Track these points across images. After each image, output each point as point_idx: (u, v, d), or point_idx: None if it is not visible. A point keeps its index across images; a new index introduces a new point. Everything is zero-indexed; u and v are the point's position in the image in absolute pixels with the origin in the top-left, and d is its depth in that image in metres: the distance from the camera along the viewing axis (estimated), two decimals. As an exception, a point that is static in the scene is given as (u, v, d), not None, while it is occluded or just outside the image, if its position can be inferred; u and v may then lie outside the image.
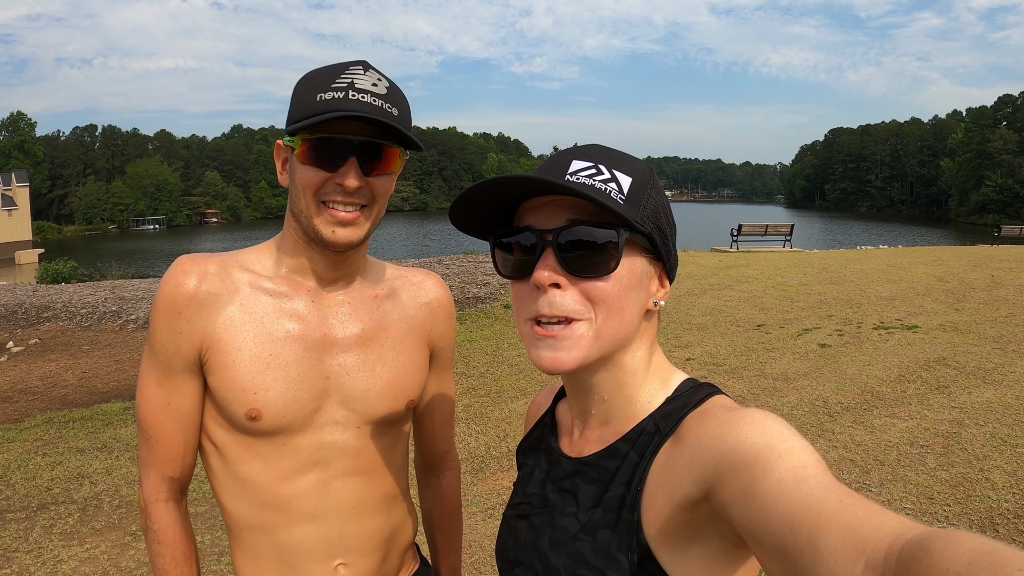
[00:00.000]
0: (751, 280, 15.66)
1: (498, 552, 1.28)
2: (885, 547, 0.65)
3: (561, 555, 1.08)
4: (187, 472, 1.59)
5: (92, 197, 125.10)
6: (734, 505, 0.84)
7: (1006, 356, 8.68)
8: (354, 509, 1.58)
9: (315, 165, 1.40)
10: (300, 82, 1.44)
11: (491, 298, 12.84)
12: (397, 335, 1.63)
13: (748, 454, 0.86)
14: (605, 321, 1.03)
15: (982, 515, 4.75)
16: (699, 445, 0.94)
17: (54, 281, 20.74)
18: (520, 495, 1.27)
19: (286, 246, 1.56)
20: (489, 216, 1.11)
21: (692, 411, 1.03)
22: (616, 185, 1.03)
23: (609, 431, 1.12)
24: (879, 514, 0.71)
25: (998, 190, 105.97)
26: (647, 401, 1.10)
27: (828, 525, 0.72)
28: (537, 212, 1.05)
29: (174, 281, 1.47)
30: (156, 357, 1.50)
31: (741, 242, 29.53)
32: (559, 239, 1.01)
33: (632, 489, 1.03)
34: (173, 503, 1.58)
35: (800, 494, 0.78)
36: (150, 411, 1.52)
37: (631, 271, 1.04)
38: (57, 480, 5.92)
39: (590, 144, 1.11)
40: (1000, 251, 21.75)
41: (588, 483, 1.11)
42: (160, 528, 1.55)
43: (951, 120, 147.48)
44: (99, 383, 8.88)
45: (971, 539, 0.58)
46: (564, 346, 1.02)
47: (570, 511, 1.12)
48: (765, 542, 0.79)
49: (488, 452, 6.31)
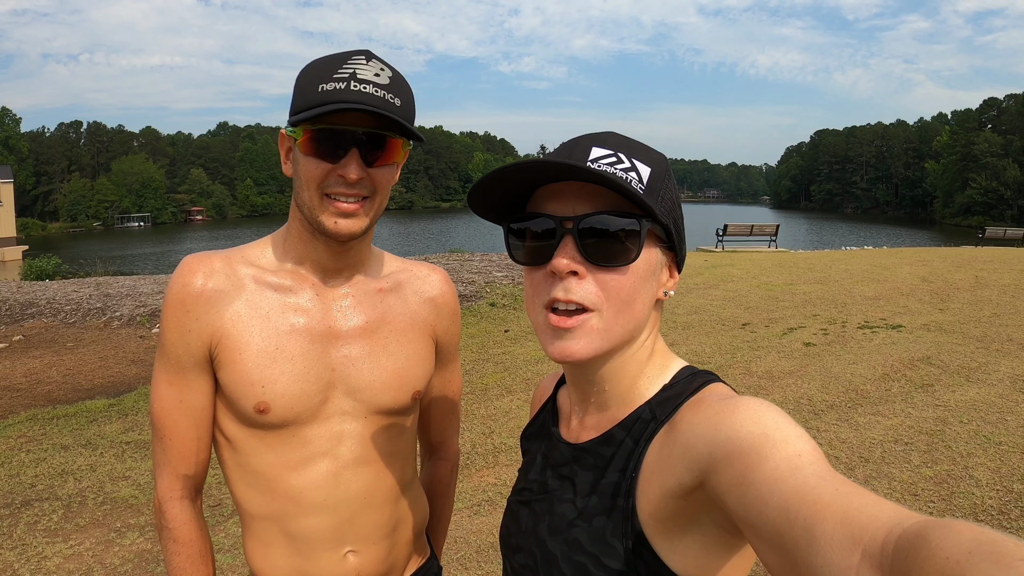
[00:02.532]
0: (736, 279, 15.72)
1: (501, 538, 1.29)
2: (882, 536, 0.65)
3: (558, 541, 1.09)
4: (201, 470, 1.59)
5: (77, 194, 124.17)
6: (729, 493, 0.84)
7: (990, 355, 8.74)
8: (364, 498, 1.60)
9: (317, 156, 1.41)
10: (303, 72, 1.45)
11: (477, 296, 12.82)
12: (401, 328, 1.64)
13: (744, 442, 0.85)
14: (617, 315, 1.02)
15: (966, 511, 4.78)
16: (694, 433, 0.94)
17: (38, 278, 20.57)
18: (523, 481, 1.29)
19: (291, 236, 1.56)
20: (505, 202, 1.10)
21: (688, 399, 1.03)
22: (636, 175, 1.03)
23: (606, 417, 1.13)
24: (876, 503, 0.71)
25: (983, 192, 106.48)
26: (645, 388, 1.10)
27: (825, 514, 0.71)
28: (555, 198, 1.04)
29: (181, 281, 1.49)
30: (167, 356, 1.51)
31: (727, 242, 29.66)
32: (580, 227, 1.00)
33: (627, 476, 1.03)
34: (188, 501, 1.58)
35: (796, 482, 0.77)
36: (163, 409, 1.53)
37: (647, 262, 1.04)
38: (41, 477, 5.88)
39: (606, 131, 1.09)
40: (984, 252, 21.90)
41: (585, 469, 1.12)
42: (175, 527, 1.56)
43: (936, 122, 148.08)
44: (83, 380, 8.82)
45: (970, 528, 0.58)
46: (575, 336, 1.02)
47: (568, 497, 1.12)
48: (761, 531, 0.79)
49: (474, 449, 6.31)
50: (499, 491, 5.43)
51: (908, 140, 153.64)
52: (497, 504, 5.22)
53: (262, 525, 1.58)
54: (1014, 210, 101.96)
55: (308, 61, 1.47)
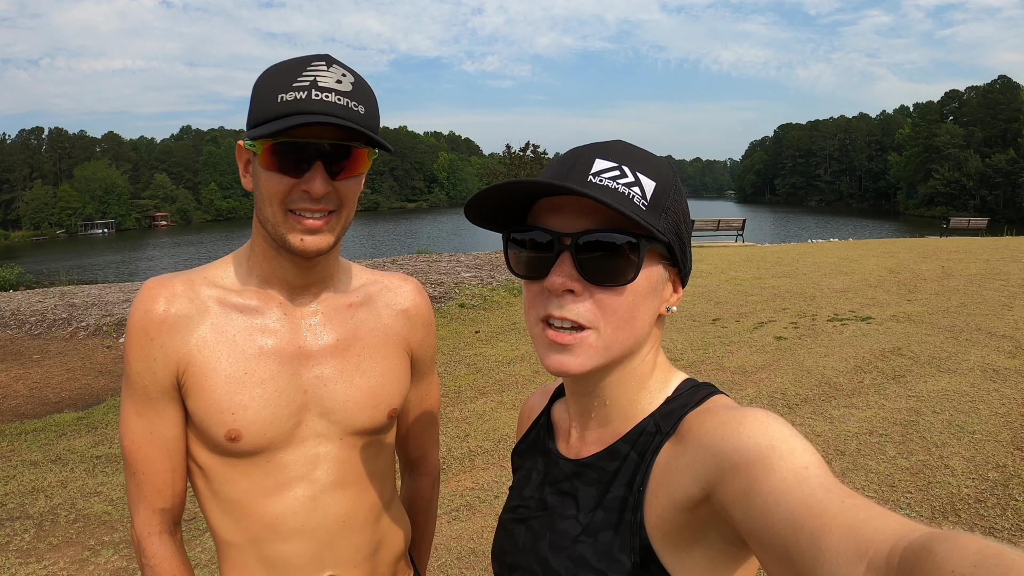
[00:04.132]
0: (705, 275, 15.81)
1: (495, 556, 1.27)
2: (888, 548, 0.65)
3: (562, 558, 1.08)
4: (178, 502, 1.54)
5: (39, 201, 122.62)
6: (735, 505, 0.84)
7: (959, 345, 8.85)
8: (343, 522, 1.55)
9: (279, 171, 1.34)
10: (260, 80, 1.38)
11: (446, 297, 12.76)
12: (374, 344, 1.59)
13: (750, 454, 0.85)
14: (615, 332, 1.00)
15: (943, 501, 4.83)
16: (700, 444, 0.93)
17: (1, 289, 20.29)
18: (517, 498, 1.26)
19: (255, 254, 1.50)
20: (506, 212, 1.07)
21: (692, 410, 1.02)
22: (639, 190, 1.00)
23: (608, 432, 1.11)
24: (882, 515, 0.71)
25: (945, 183, 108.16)
26: (648, 402, 1.09)
27: (831, 527, 0.72)
28: (556, 212, 1.02)
29: (143, 307, 1.43)
30: (133, 387, 1.45)
31: (693, 237, 29.53)
32: (578, 243, 0.98)
33: (634, 490, 1.02)
34: (167, 536, 1.53)
35: (802, 495, 0.77)
36: (133, 443, 1.47)
37: (648, 279, 1.02)
38: (11, 495, 5.76)
39: (614, 140, 1.07)
40: (949, 243, 22.24)
41: (588, 485, 1.10)
42: (156, 563, 1.50)
43: (899, 115, 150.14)
44: (51, 393, 8.68)
45: (975, 541, 0.58)
46: (573, 352, 1.00)
47: (570, 513, 1.11)
48: (767, 543, 0.79)
49: (449, 453, 6.27)
50: (477, 495, 5.40)
51: (871, 133, 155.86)
52: (476, 509, 5.19)
53: (239, 552, 1.52)
54: (976, 200, 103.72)
55: (271, 63, 1.39)
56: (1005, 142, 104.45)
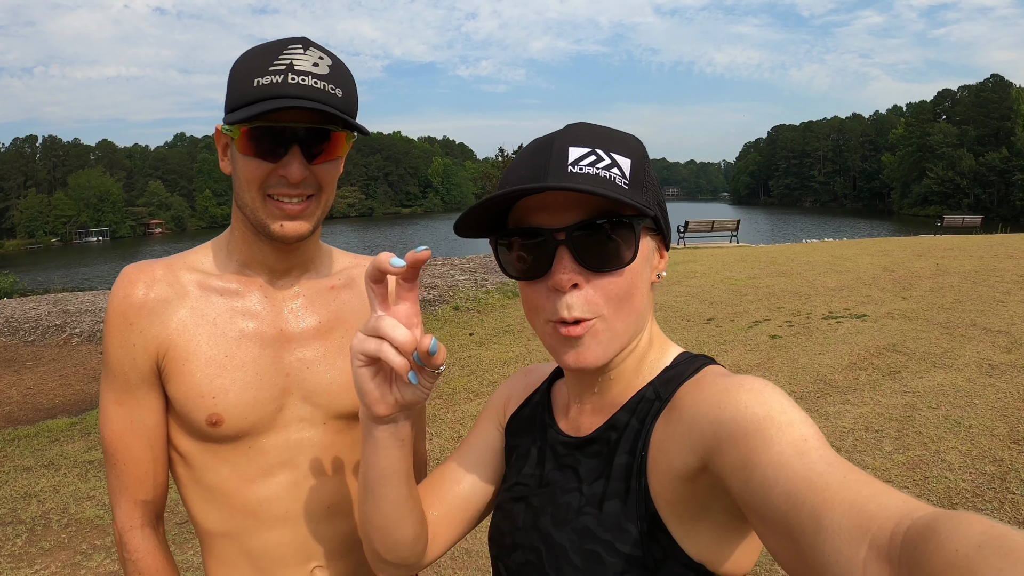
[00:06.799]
0: (699, 275, 15.81)
1: (492, 539, 1.24)
2: (891, 527, 0.64)
3: (566, 531, 1.06)
4: (160, 493, 1.51)
5: (34, 210, 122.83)
6: (734, 476, 0.84)
7: (954, 341, 8.84)
8: (328, 509, 1.53)
9: (256, 156, 1.33)
10: (236, 64, 1.36)
11: (440, 300, 12.76)
12: (357, 326, 1.54)
13: (748, 424, 0.85)
14: (617, 313, 1.02)
15: (940, 495, 4.82)
16: (696, 412, 0.94)
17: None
18: (515, 476, 1.24)
19: (235, 239, 1.49)
20: (491, 218, 1.06)
21: (689, 378, 1.03)
22: (618, 170, 0.99)
23: (608, 403, 1.11)
24: (885, 492, 0.70)
25: (939, 182, 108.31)
26: (648, 372, 1.10)
27: (832, 502, 0.70)
28: (543, 210, 1.01)
29: (122, 292, 1.41)
30: (113, 374, 1.43)
31: (688, 238, 29.87)
32: (572, 236, 0.98)
33: (637, 456, 1.02)
34: (150, 529, 1.50)
35: (802, 468, 0.77)
36: (114, 432, 1.44)
37: (642, 255, 1.03)
38: (4, 500, 5.74)
39: (577, 123, 1.06)
40: (943, 240, 22.28)
41: (590, 457, 1.10)
42: (139, 558, 1.47)
43: (892, 115, 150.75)
44: (44, 399, 8.66)
45: (980, 521, 0.57)
46: (586, 343, 1.01)
47: (572, 486, 1.10)
48: (766, 516, 0.78)
49: (443, 454, 6.24)
50: (473, 495, 5.35)
51: (864, 133, 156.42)
52: (471, 508, 5.13)
53: (222, 543, 1.50)
54: (970, 198, 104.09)
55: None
56: (998, 140, 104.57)
